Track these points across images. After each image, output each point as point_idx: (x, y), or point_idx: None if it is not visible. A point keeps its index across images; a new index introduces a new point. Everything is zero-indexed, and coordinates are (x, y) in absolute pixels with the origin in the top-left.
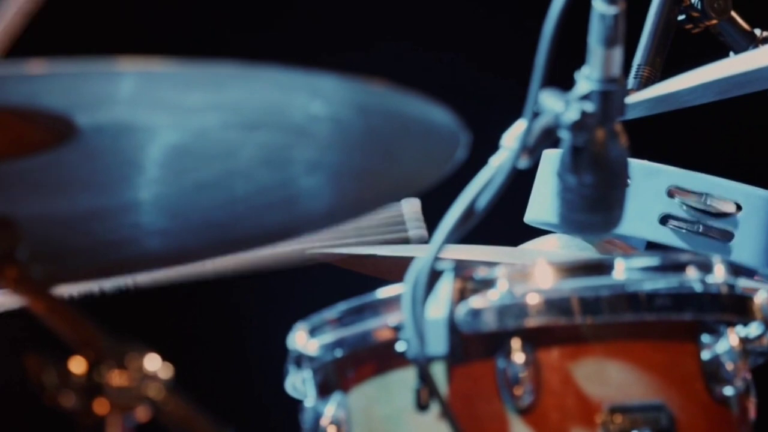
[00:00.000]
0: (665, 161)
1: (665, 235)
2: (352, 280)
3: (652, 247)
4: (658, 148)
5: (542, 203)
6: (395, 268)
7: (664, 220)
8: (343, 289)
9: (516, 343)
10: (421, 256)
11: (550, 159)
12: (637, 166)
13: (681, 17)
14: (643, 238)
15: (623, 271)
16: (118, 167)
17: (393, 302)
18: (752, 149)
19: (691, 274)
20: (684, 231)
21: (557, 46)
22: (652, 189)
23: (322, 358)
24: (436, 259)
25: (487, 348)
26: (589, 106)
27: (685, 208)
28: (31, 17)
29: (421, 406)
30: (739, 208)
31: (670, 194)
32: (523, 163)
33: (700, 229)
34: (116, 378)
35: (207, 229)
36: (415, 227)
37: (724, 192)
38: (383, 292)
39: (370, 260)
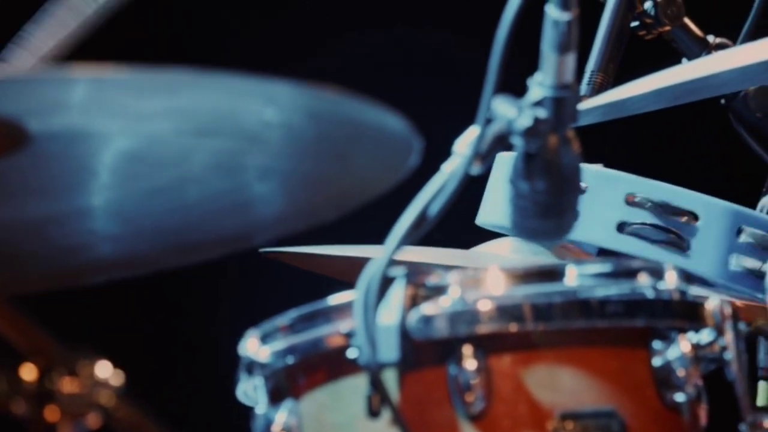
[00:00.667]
0: (618, 168)
1: (622, 243)
2: (305, 285)
3: (603, 253)
4: (612, 155)
5: (494, 206)
6: (347, 269)
7: (621, 227)
8: (295, 295)
9: (468, 349)
10: (374, 260)
11: (504, 161)
12: (595, 172)
13: (634, 24)
14: (599, 245)
15: (575, 277)
16: (71, 173)
17: (344, 309)
18: (708, 157)
19: (643, 280)
20: (641, 239)
21: (510, 52)
22: (609, 196)
23: (273, 365)
24: (389, 265)
25: (439, 354)
26: (542, 113)
27: (642, 216)
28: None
29: (373, 412)
30: (696, 217)
31: (628, 202)
32: (476, 169)
33: (657, 238)
34: (67, 385)
35: (160, 235)
36: None
37: (681, 201)
38: (335, 299)
39: (320, 260)
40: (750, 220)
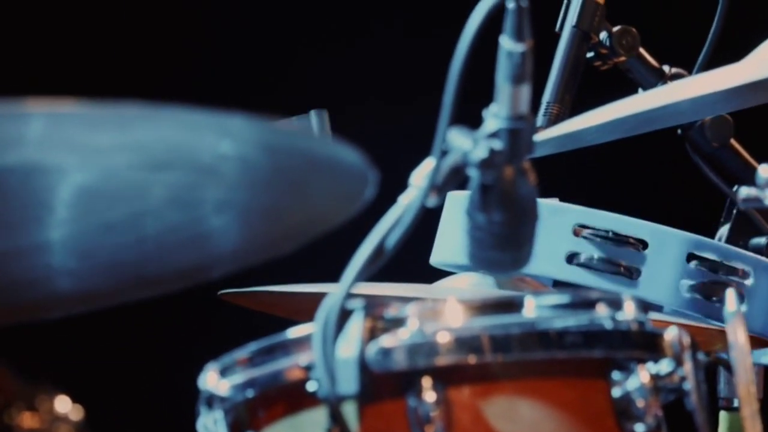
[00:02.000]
0: (575, 199)
1: (572, 274)
2: (264, 318)
3: (559, 284)
4: (569, 187)
5: (447, 245)
6: (306, 306)
7: (570, 258)
8: (254, 328)
9: (427, 381)
10: (331, 294)
11: (455, 201)
12: (542, 205)
13: (589, 54)
14: (550, 276)
15: (533, 308)
16: (27, 208)
17: (303, 342)
18: (666, 187)
19: (601, 311)
20: (590, 269)
21: (465, 84)
22: (557, 227)
23: (233, 399)
24: (347, 297)
25: (398, 387)
26: (498, 144)
27: (590, 246)
28: None
29: None
30: (645, 245)
31: (576, 232)
32: (432, 201)
33: (607, 267)
34: (27, 420)
35: (118, 269)
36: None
37: (630, 229)
38: (293, 332)
39: (279, 299)
40: (699, 245)
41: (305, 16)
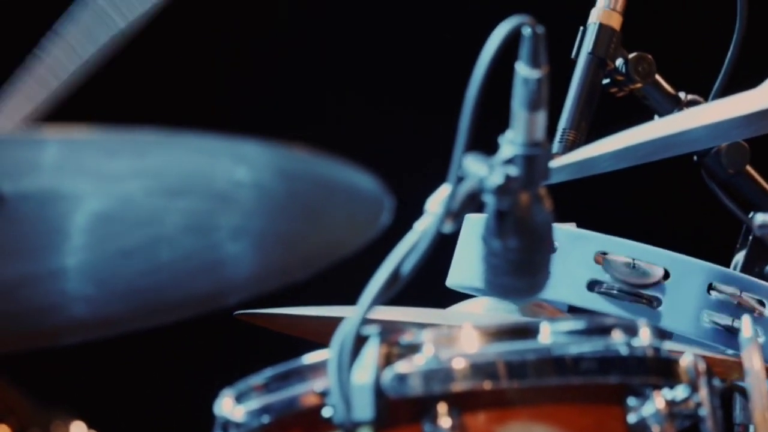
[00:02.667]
0: (590, 225)
1: (593, 301)
2: (279, 344)
3: (575, 310)
4: (584, 213)
5: (464, 268)
6: (322, 329)
7: (591, 285)
8: (270, 354)
9: (442, 407)
10: (348, 318)
11: (472, 223)
12: (564, 231)
13: (606, 81)
14: (570, 303)
15: (549, 334)
16: (44, 234)
17: (319, 368)
18: (681, 214)
19: (617, 337)
20: (612, 297)
21: (481, 111)
22: (579, 255)
23: (248, 425)
24: (362, 323)
25: (414, 413)
26: (513, 171)
27: (612, 274)
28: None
29: None
30: (666, 274)
31: (597, 260)
32: (448, 227)
33: (628, 296)
34: None
35: (133, 296)
36: None
37: (651, 258)
38: (309, 358)
39: (295, 321)
40: (720, 276)
41: (321, 43)
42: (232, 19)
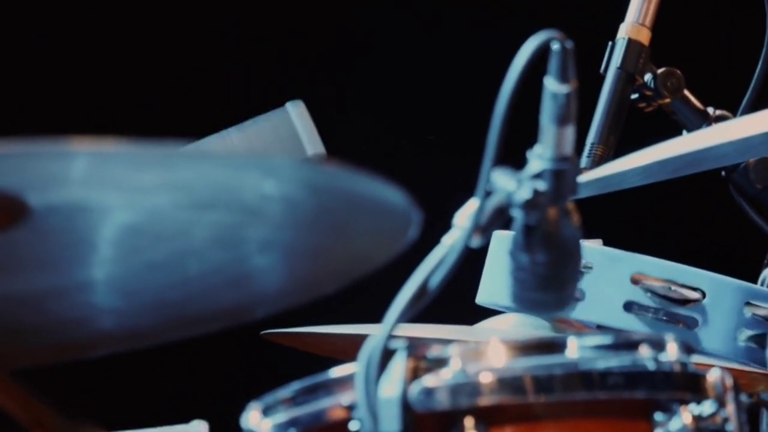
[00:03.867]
0: (618, 241)
1: (630, 322)
2: (306, 358)
3: (604, 326)
4: (611, 228)
5: (493, 285)
6: (349, 347)
7: (628, 306)
8: (297, 367)
9: (469, 421)
10: (374, 335)
11: (500, 240)
12: (600, 252)
13: (634, 96)
14: (607, 324)
15: (576, 349)
16: (71, 247)
17: (346, 381)
18: (708, 229)
19: (644, 352)
20: (648, 318)
21: (509, 125)
22: (615, 276)
23: None
24: (389, 337)
25: (441, 426)
26: (542, 185)
27: (649, 295)
28: None
29: None
30: (704, 295)
31: (634, 281)
32: (476, 242)
33: (665, 317)
34: None
35: (160, 309)
36: (310, 141)
37: (687, 279)
38: (336, 372)
39: (322, 339)
40: (756, 295)
41: (350, 56)
42: (262, 32)
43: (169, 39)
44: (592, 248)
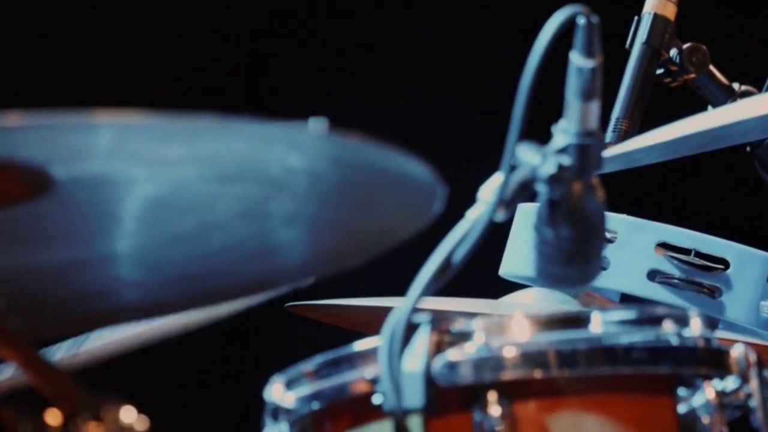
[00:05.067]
0: (642, 216)
1: (653, 291)
2: (329, 331)
3: (627, 299)
4: (636, 203)
5: (517, 257)
6: (373, 320)
7: (651, 275)
8: (321, 340)
9: (492, 396)
10: (398, 308)
11: (525, 213)
12: (624, 221)
13: (659, 71)
14: (631, 293)
15: (600, 324)
16: (96, 219)
17: (369, 355)
18: (733, 204)
19: (668, 327)
20: (672, 287)
21: (535, 99)
22: (639, 244)
23: (298, 411)
24: (413, 311)
25: (464, 401)
26: (566, 160)
27: (673, 263)
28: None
29: None
30: (727, 264)
31: (658, 249)
32: (500, 216)
33: (688, 285)
34: (92, 430)
35: (184, 282)
36: None
37: (712, 248)
38: (360, 345)
39: (346, 312)
40: None
41: (376, 32)
42: (290, 8)
43: (199, 17)
44: (616, 217)
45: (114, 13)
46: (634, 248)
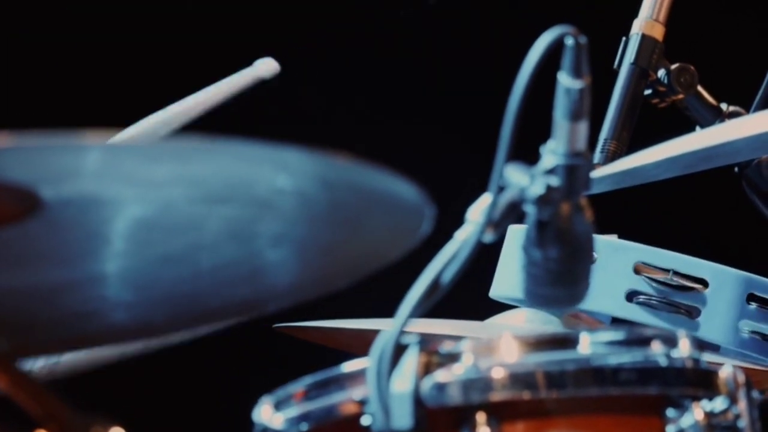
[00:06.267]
0: (631, 237)
1: (632, 311)
2: (318, 352)
3: (617, 321)
4: (625, 224)
5: (507, 279)
6: (361, 341)
7: (630, 296)
8: (309, 361)
9: (481, 417)
10: (386, 330)
11: (516, 234)
12: (603, 242)
13: (647, 92)
14: (609, 314)
15: (588, 345)
16: (84, 240)
17: (358, 376)
18: (721, 225)
19: (656, 348)
20: (650, 307)
21: (523, 120)
22: (618, 265)
23: None
24: (402, 332)
25: (453, 422)
26: (555, 181)
27: (651, 284)
28: None
29: None
30: (705, 284)
31: (637, 270)
32: (489, 237)
33: (667, 306)
34: None
35: (173, 303)
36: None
37: (690, 268)
38: (348, 366)
39: (335, 333)
40: (760, 286)
41: (363, 54)
42: (271, 24)
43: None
44: (596, 238)
45: (102, 35)
46: (613, 269)
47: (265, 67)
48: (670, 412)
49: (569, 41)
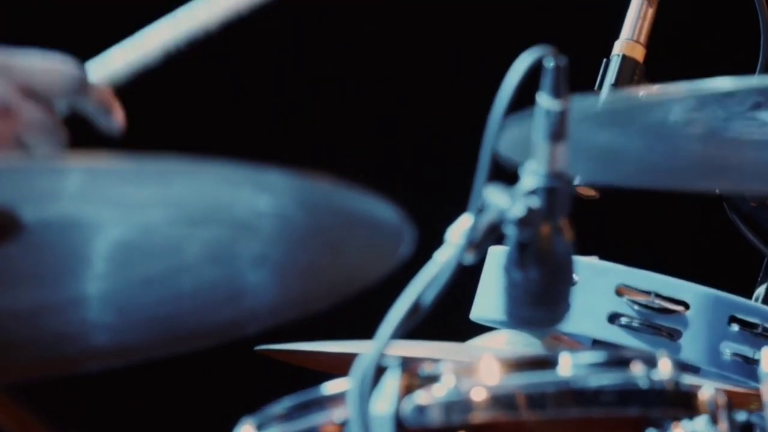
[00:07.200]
0: (612, 259)
1: (613, 334)
2: (298, 373)
3: (598, 343)
4: (606, 245)
5: (488, 300)
6: (342, 363)
7: (612, 318)
8: (290, 382)
9: None
10: (366, 352)
11: (496, 256)
12: (584, 264)
13: None
14: (591, 336)
15: (569, 367)
16: (65, 262)
17: (339, 398)
18: (703, 247)
19: (637, 369)
20: (632, 329)
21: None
22: (599, 287)
23: None
24: (382, 354)
25: None
26: (535, 202)
27: (632, 306)
28: None
29: None
30: (687, 306)
31: (618, 293)
32: (469, 258)
33: (648, 328)
34: None
35: (153, 324)
36: None
37: (672, 290)
38: (329, 388)
39: (315, 355)
40: (740, 308)
41: (343, 72)
42: (253, 46)
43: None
44: (577, 260)
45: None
46: (595, 291)
47: None
48: None
49: (549, 62)
